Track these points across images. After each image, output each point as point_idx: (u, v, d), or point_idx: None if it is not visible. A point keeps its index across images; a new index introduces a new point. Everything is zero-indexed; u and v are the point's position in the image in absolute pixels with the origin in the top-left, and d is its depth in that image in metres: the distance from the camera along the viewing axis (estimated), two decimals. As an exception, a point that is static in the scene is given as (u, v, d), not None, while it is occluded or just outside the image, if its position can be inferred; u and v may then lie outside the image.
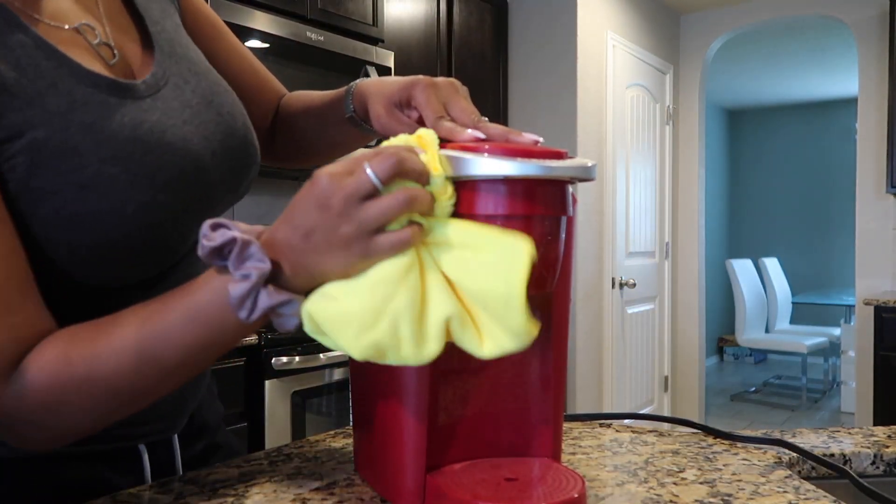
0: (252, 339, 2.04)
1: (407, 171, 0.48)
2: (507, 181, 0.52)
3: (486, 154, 0.51)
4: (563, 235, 0.57)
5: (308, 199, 0.49)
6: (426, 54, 3.06)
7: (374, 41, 2.66)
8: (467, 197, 0.52)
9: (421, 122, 0.62)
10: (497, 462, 0.63)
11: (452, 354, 0.51)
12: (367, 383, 0.62)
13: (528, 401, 0.64)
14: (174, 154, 0.61)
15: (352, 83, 0.73)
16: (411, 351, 0.49)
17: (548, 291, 0.59)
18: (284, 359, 2.08)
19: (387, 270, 0.49)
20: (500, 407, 0.65)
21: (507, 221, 0.52)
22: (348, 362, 1.44)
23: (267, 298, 0.49)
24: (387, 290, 0.49)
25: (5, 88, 0.53)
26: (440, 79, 0.63)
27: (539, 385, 0.64)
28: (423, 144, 0.52)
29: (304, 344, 2.15)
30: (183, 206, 0.61)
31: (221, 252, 0.50)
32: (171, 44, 0.69)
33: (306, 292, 0.51)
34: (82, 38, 0.62)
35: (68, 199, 0.55)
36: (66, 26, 0.61)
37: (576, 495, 0.56)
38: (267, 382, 2.06)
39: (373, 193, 0.48)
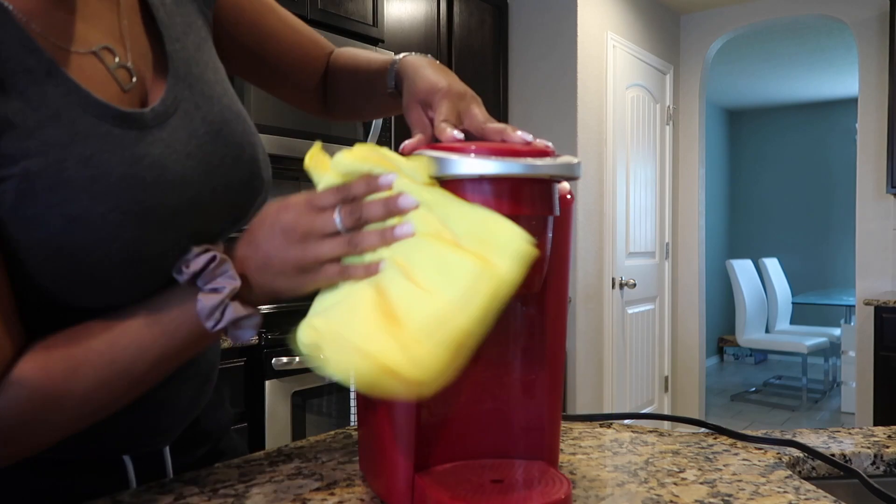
0: (253, 339, 2.03)
1: (370, 219, 0.55)
2: (491, 180, 0.51)
3: (471, 154, 0.51)
4: (550, 235, 0.56)
5: (274, 225, 0.57)
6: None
7: (374, 41, 2.66)
8: None
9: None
10: (487, 463, 0.63)
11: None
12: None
13: (523, 403, 0.64)
14: (171, 192, 0.59)
15: (395, 59, 0.77)
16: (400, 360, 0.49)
17: (534, 291, 0.58)
18: (285, 359, 2.08)
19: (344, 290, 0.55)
20: (495, 409, 0.64)
21: None
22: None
23: (233, 312, 0.57)
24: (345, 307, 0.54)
25: (6, 118, 0.52)
26: (465, 90, 0.67)
27: (534, 387, 0.64)
28: (384, 163, 0.55)
29: (305, 344, 2.14)
30: (174, 241, 0.60)
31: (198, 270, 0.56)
32: (187, 64, 0.66)
33: (258, 307, 0.59)
34: (100, 62, 0.61)
35: (55, 231, 0.54)
36: (86, 50, 0.60)
37: (562, 496, 0.56)
38: (267, 383, 2.06)
39: (334, 234, 0.56)
